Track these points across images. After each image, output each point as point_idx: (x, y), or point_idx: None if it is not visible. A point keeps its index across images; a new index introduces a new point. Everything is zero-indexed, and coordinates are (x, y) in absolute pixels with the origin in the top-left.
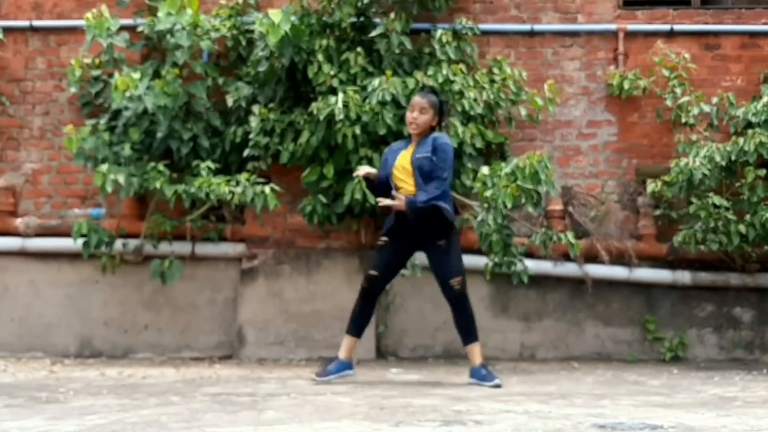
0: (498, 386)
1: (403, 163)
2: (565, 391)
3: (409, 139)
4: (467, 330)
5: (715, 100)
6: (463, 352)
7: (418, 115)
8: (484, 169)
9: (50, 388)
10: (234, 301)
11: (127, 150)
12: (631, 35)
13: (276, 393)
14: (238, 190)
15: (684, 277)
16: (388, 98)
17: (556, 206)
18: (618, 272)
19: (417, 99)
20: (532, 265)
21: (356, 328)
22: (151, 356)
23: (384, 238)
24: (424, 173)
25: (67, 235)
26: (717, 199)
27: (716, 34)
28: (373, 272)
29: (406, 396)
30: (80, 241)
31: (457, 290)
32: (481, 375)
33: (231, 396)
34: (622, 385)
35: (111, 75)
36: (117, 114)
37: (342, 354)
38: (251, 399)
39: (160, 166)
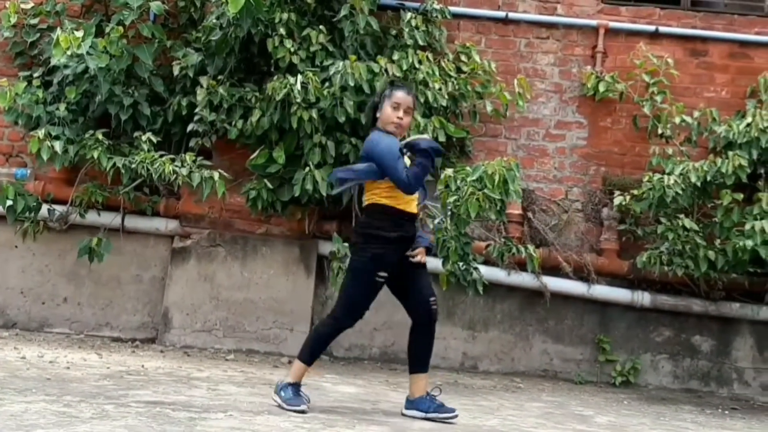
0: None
1: None
2: (509, 426)
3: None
4: (428, 357)
5: (696, 114)
6: (402, 356)
7: (404, 116)
8: (448, 170)
9: None
10: (162, 280)
11: (62, 111)
12: (612, 33)
13: (211, 407)
14: (183, 171)
15: (643, 298)
16: (350, 83)
17: (515, 210)
18: (575, 287)
19: (403, 96)
20: (484, 272)
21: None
22: (68, 332)
23: (383, 274)
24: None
25: None
26: (687, 222)
27: (704, 39)
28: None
29: (347, 420)
30: (7, 204)
31: (436, 309)
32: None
33: (166, 409)
34: (568, 421)
35: (50, 26)
36: (53, 69)
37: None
38: (188, 415)
39: (99, 135)
